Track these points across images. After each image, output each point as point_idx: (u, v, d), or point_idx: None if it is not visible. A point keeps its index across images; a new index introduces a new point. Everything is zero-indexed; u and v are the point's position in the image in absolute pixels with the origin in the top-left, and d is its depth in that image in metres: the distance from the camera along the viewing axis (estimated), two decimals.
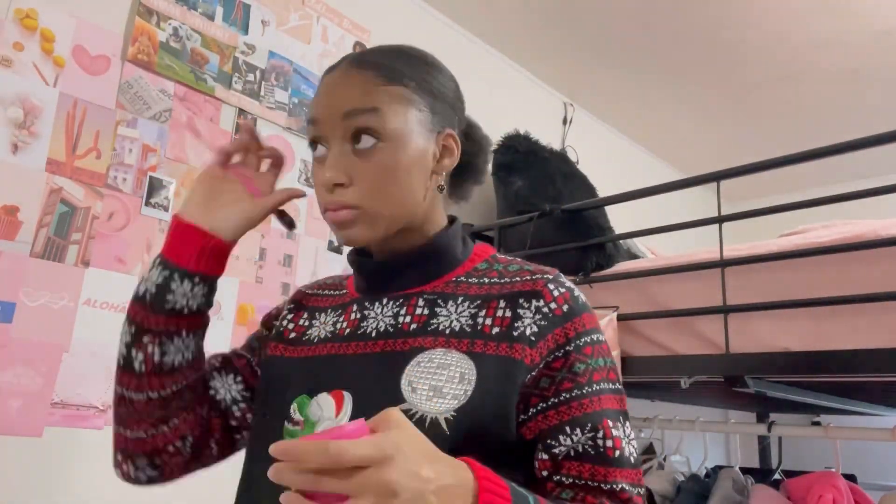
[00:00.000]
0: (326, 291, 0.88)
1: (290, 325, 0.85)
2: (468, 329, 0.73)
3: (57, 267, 1.41)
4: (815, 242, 1.48)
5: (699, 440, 1.99)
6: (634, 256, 2.08)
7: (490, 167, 2.25)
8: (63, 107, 1.46)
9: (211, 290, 0.81)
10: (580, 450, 0.68)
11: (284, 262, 1.80)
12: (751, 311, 1.53)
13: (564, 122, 2.85)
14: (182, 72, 1.66)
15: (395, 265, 0.79)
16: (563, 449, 0.69)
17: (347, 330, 0.78)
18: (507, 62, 2.63)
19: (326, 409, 0.72)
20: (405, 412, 0.65)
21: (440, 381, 0.69)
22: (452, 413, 0.67)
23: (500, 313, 0.73)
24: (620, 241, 1.98)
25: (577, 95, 2.86)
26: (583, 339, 0.72)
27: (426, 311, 0.75)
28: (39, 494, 1.33)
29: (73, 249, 1.44)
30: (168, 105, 1.63)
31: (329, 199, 0.73)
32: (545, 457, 0.70)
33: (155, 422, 0.79)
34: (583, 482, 0.68)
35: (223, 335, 1.64)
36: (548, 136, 2.56)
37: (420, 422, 0.66)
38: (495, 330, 0.72)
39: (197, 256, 0.77)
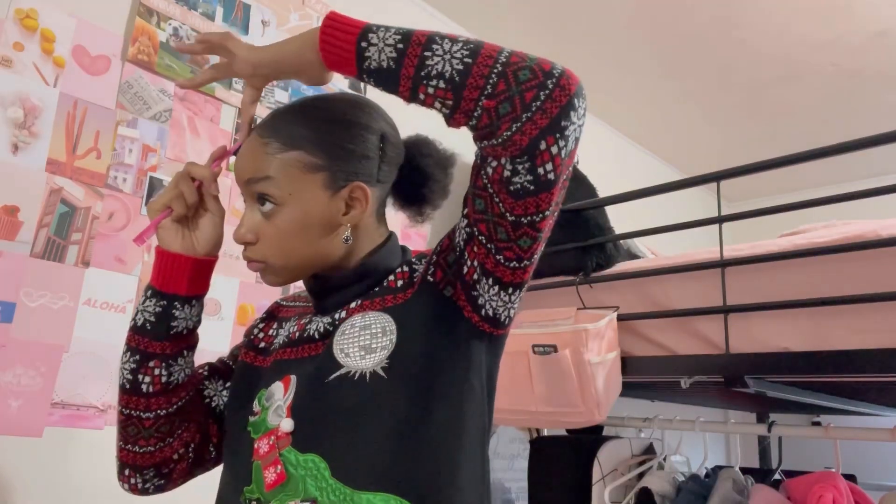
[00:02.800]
0: (297, 303, 0.96)
1: (261, 335, 0.93)
2: (377, 290, 0.83)
3: (57, 267, 1.41)
4: (815, 242, 1.48)
5: (699, 440, 1.99)
6: (634, 256, 2.08)
7: None
8: (63, 107, 1.46)
9: (202, 306, 0.88)
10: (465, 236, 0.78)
11: None
12: (751, 311, 1.52)
13: None
14: (182, 72, 1.66)
15: (332, 286, 0.86)
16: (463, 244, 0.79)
17: (297, 334, 0.85)
18: None
19: (277, 393, 0.80)
20: (345, 375, 0.75)
21: (366, 340, 0.77)
22: (386, 362, 0.75)
23: (399, 270, 0.84)
24: (620, 242, 1.98)
25: None
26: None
27: (360, 303, 0.83)
28: (39, 494, 1.33)
29: (74, 249, 1.44)
30: (168, 105, 1.63)
31: (242, 253, 0.83)
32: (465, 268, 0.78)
33: (163, 435, 0.85)
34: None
35: (223, 335, 1.65)
36: None
37: (361, 378, 0.74)
38: (399, 283, 0.83)
39: (188, 282, 0.84)
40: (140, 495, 0.88)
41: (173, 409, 0.85)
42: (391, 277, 0.84)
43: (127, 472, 0.86)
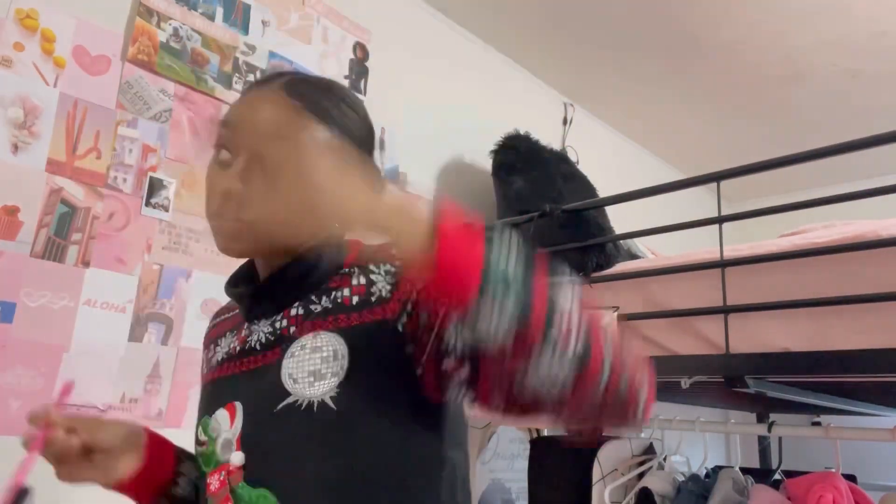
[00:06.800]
0: (224, 316, 0.91)
1: (204, 363, 0.90)
2: (330, 307, 0.75)
3: (57, 267, 1.41)
4: (815, 242, 1.48)
5: (699, 440, 1.99)
6: (635, 256, 2.08)
7: (490, 167, 2.25)
8: (63, 107, 1.46)
9: (189, 482, 0.84)
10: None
11: None
12: (751, 312, 1.52)
13: (564, 122, 2.85)
14: (182, 72, 1.66)
15: (268, 290, 0.80)
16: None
17: (238, 348, 0.80)
18: (507, 62, 2.63)
19: (223, 423, 0.75)
20: (293, 404, 0.70)
21: (316, 364, 0.71)
22: (336, 390, 0.69)
23: (355, 282, 0.76)
24: (620, 242, 1.98)
25: (577, 95, 2.86)
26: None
27: (301, 311, 0.77)
28: (39, 495, 1.33)
29: (74, 249, 1.44)
30: (168, 105, 1.63)
31: (224, 208, 0.74)
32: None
33: None
34: None
35: None
36: (548, 136, 2.56)
37: (308, 408, 0.69)
38: (355, 300, 0.74)
39: (151, 495, 0.82)
40: None
41: None
42: (345, 292, 0.76)
43: None
